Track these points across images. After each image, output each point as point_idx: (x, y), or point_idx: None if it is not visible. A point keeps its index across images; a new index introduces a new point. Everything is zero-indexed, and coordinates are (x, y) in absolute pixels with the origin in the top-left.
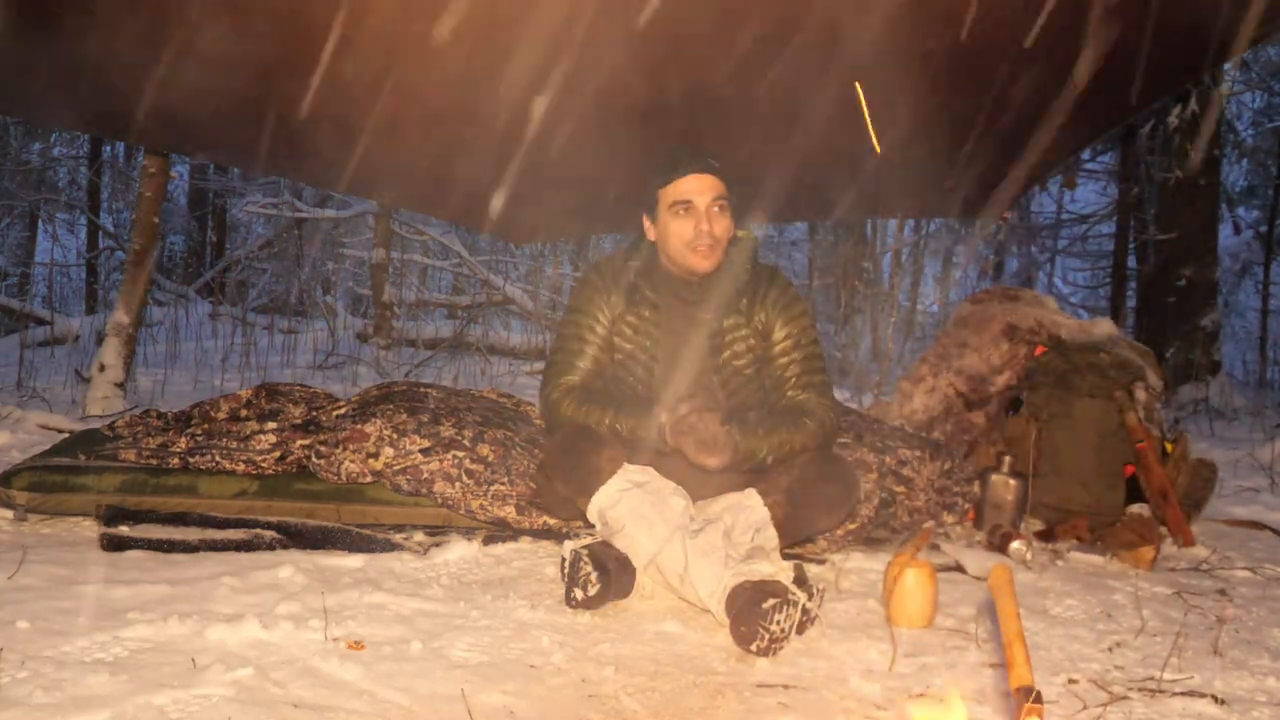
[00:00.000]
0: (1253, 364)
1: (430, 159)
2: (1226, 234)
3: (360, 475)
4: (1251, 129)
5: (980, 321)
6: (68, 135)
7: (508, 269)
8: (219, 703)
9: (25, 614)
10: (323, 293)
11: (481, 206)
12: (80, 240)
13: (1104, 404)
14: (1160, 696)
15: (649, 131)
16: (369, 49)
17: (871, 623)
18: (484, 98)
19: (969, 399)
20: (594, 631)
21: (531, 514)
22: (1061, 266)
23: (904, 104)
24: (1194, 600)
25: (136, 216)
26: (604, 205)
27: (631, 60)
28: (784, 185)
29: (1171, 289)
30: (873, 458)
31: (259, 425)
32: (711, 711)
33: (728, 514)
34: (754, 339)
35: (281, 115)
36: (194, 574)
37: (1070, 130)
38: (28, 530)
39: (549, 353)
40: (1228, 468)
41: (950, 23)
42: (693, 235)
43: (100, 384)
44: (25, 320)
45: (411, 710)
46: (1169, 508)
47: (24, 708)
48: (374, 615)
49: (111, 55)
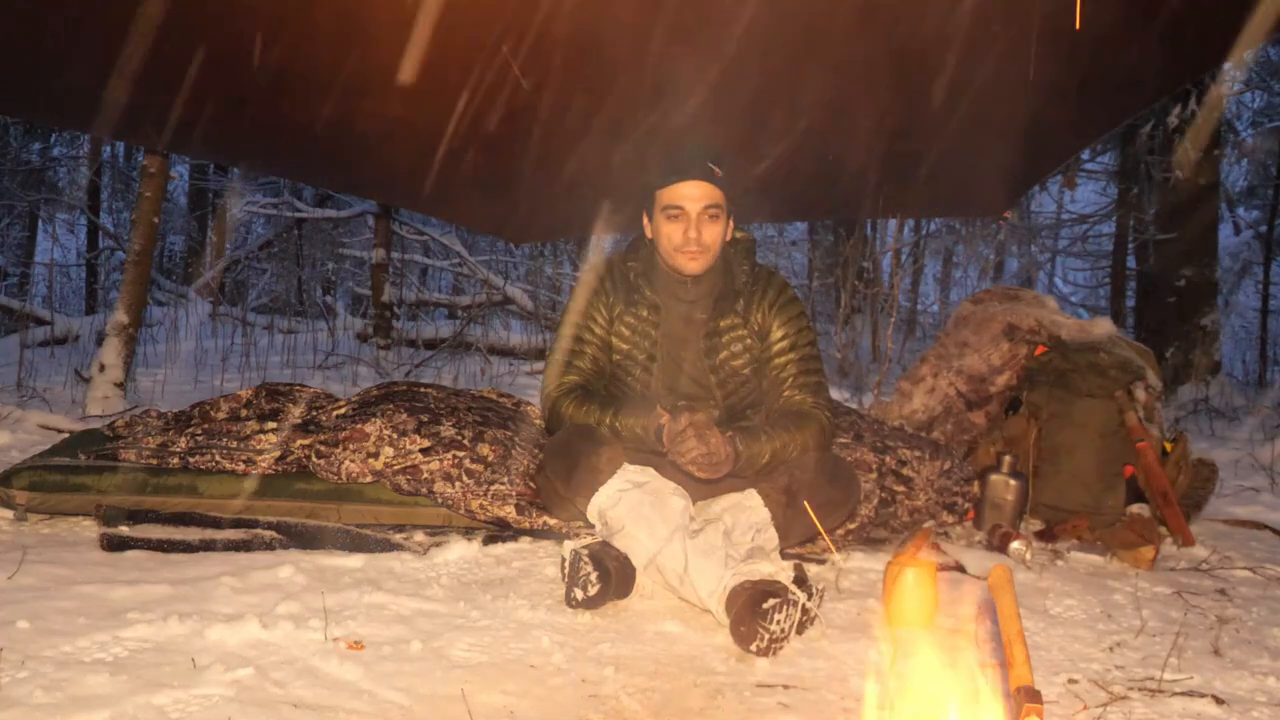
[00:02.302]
0: (1253, 364)
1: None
2: (1226, 234)
3: (360, 475)
4: (1251, 129)
5: (980, 321)
6: (68, 135)
7: (508, 269)
8: (219, 703)
9: (25, 614)
10: (323, 293)
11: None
12: (80, 240)
13: (1104, 404)
14: (1160, 696)
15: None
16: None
17: (871, 623)
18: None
19: (969, 399)
20: (594, 631)
21: (531, 514)
22: (1061, 266)
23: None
24: (1194, 600)
25: (136, 216)
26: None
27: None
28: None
29: (1171, 289)
30: (873, 458)
31: (259, 425)
32: (711, 711)
33: (728, 514)
34: (751, 339)
35: (288, 117)
36: (194, 574)
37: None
38: (28, 530)
39: (549, 353)
40: (1228, 468)
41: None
42: (681, 240)
43: (100, 384)
44: (25, 320)
45: (411, 710)
46: (1169, 508)
47: (24, 708)
48: (374, 615)
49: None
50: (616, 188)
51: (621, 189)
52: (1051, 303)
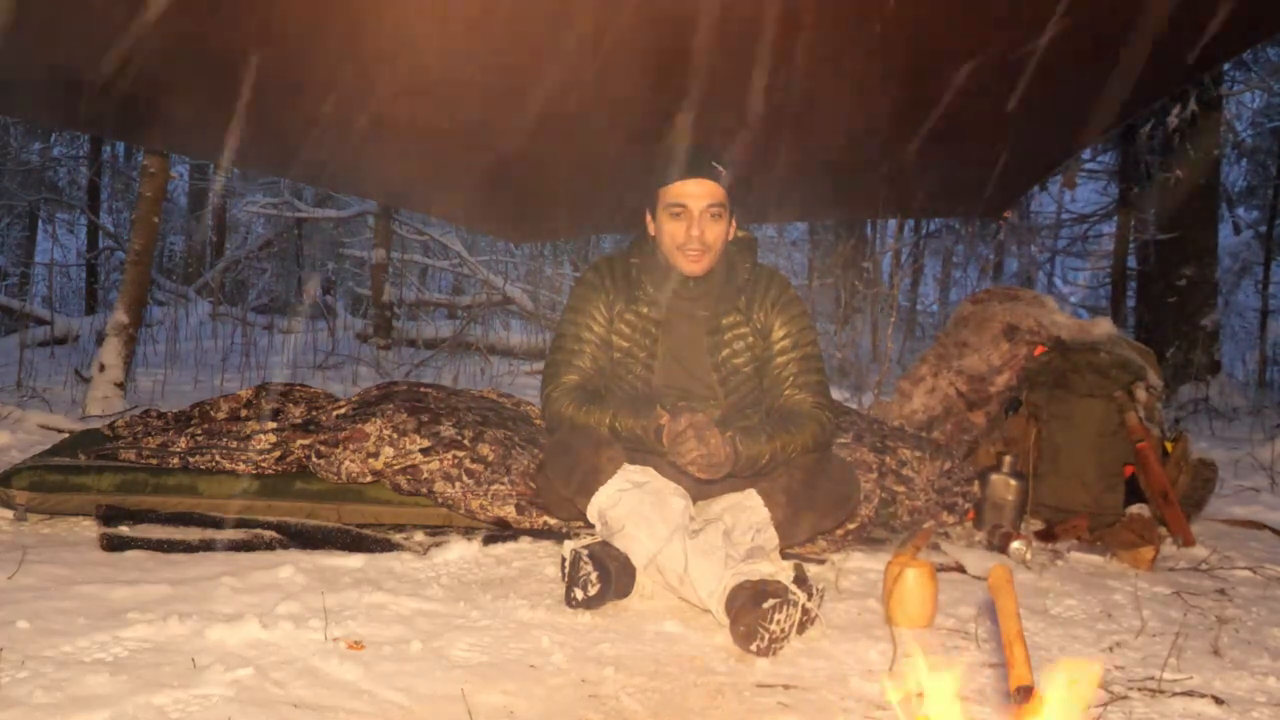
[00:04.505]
0: (1253, 364)
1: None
2: (1226, 234)
3: (360, 475)
4: (1251, 129)
5: (980, 321)
6: (68, 135)
7: (508, 269)
8: (219, 703)
9: (25, 614)
10: (323, 293)
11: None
12: (80, 240)
13: (1104, 404)
14: (1160, 696)
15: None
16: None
17: (871, 623)
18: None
19: (969, 399)
20: (594, 631)
21: (531, 514)
22: (1061, 266)
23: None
24: (1194, 600)
25: (136, 216)
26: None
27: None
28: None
29: (1171, 289)
30: (873, 458)
31: (259, 425)
32: (711, 711)
33: (728, 514)
34: (753, 338)
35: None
36: (194, 574)
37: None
38: (28, 530)
39: (548, 353)
40: (1228, 468)
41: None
42: (683, 239)
43: (100, 384)
44: (25, 320)
45: (411, 710)
46: (1169, 508)
47: (24, 708)
48: (374, 615)
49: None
50: (617, 188)
51: (622, 189)
52: (1051, 303)
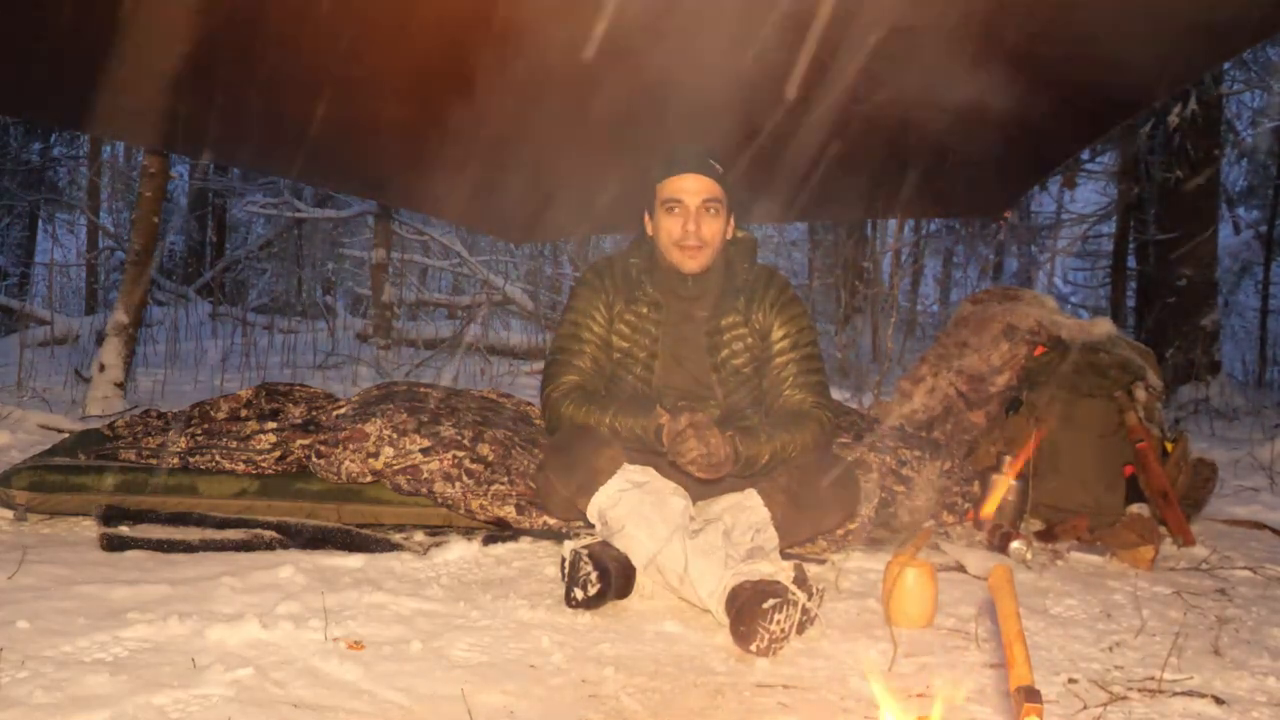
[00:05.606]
0: (1253, 364)
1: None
2: (1226, 234)
3: (360, 475)
4: (1251, 129)
5: (980, 321)
6: (68, 135)
7: (508, 269)
8: (219, 703)
9: (25, 614)
10: (323, 293)
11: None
12: (80, 240)
13: (1104, 404)
14: (1160, 696)
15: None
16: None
17: (871, 623)
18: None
19: (969, 399)
20: (594, 631)
21: (531, 514)
22: (1061, 266)
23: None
24: (1194, 600)
25: (136, 216)
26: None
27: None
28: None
29: (1171, 289)
30: (873, 458)
31: (259, 425)
32: (711, 711)
33: (728, 514)
34: (752, 338)
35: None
36: (194, 574)
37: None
38: (28, 530)
39: (548, 353)
40: (1228, 468)
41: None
42: (680, 234)
43: (100, 384)
44: (25, 320)
45: (411, 710)
46: (1169, 508)
47: (24, 708)
48: (374, 615)
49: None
50: (617, 188)
51: (622, 189)
52: (1051, 303)
